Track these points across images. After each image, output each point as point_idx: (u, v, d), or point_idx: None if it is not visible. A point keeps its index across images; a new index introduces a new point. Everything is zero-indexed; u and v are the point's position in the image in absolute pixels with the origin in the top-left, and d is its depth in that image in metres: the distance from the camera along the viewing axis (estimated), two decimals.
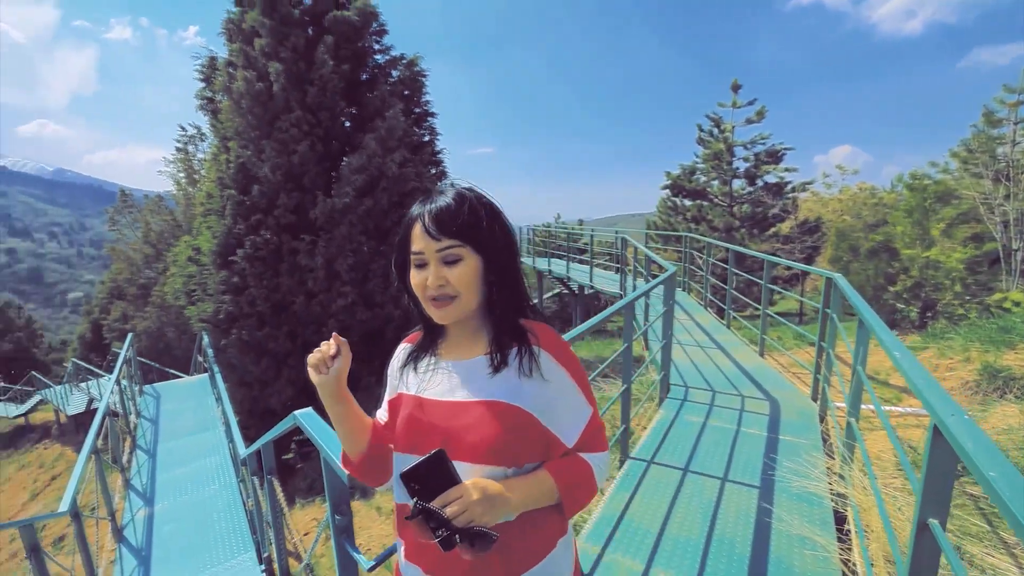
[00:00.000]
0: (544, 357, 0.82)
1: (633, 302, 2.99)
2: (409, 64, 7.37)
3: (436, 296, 0.79)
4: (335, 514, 1.34)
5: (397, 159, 6.40)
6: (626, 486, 2.74)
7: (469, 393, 0.82)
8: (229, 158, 6.46)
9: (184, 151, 15.34)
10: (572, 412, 0.85)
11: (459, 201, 0.79)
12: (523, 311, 0.86)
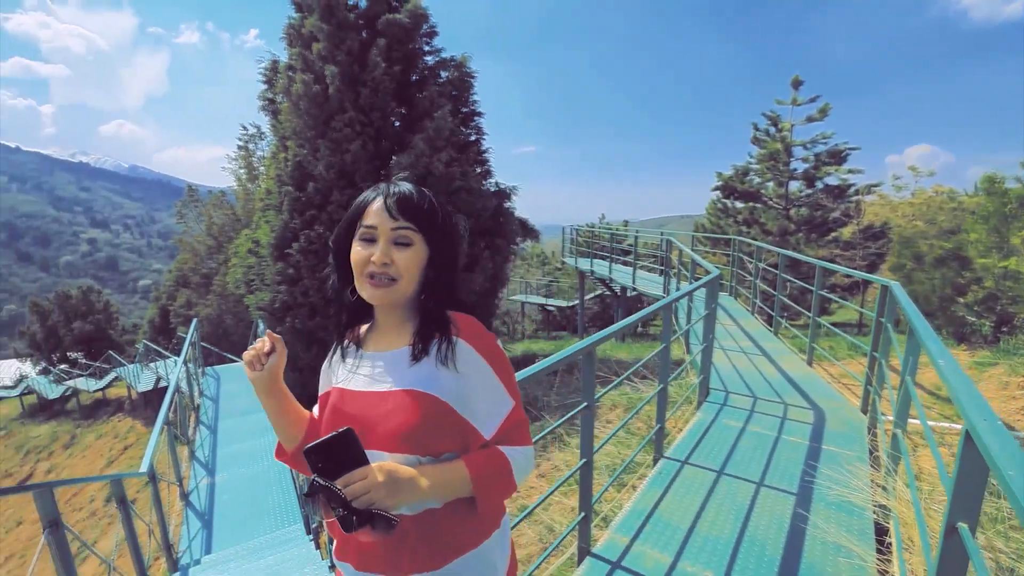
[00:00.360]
0: (463, 347, 0.82)
1: (672, 303, 3.05)
2: (458, 65, 7.66)
3: (376, 273, 0.80)
4: None
5: (444, 158, 6.68)
6: (658, 484, 2.81)
7: (389, 383, 0.83)
8: (287, 156, 6.96)
9: (245, 149, 16.49)
10: (490, 403, 0.84)
11: (421, 193, 0.83)
12: (452, 305, 0.87)
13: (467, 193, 7.08)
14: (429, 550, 0.80)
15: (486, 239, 7.77)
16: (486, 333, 0.87)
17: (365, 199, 0.85)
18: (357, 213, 0.84)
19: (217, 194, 18.11)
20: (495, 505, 0.85)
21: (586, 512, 2.28)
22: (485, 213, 7.52)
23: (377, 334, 0.90)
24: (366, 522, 0.66)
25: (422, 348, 0.82)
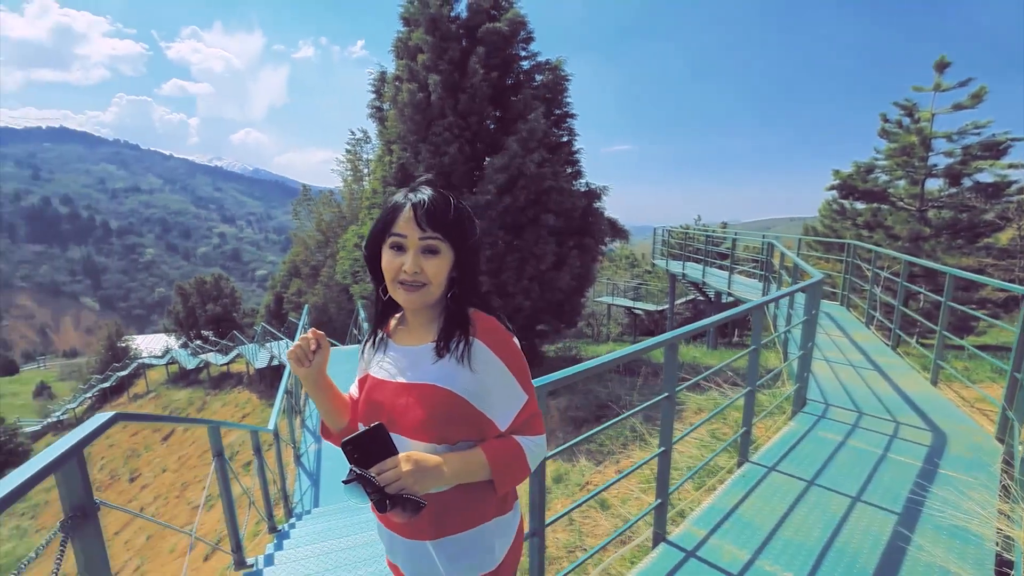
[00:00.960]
0: (479, 346, 0.91)
1: (763, 305, 3.05)
2: (552, 68, 7.96)
3: (408, 281, 0.89)
4: None
5: (536, 159, 7.02)
6: (741, 485, 2.84)
7: (413, 376, 0.93)
8: (392, 159, 7.75)
9: (352, 152, 18.30)
10: (506, 398, 0.93)
11: (446, 201, 0.89)
12: (474, 304, 0.95)
13: (557, 193, 7.35)
14: (435, 521, 0.92)
15: (575, 238, 7.97)
16: (503, 332, 0.94)
17: (395, 207, 0.90)
18: (388, 221, 0.91)
19: (326, 193, 20.27)
20: (510, 488, 0.94)
21: (662, 500, 2.42)
22: (574, 213, 7.72)
23: (405, 329, 1.01)
24: (397, 505, 0.77)
25: (444, 346, 0.92)
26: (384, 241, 0.91)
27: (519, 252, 7.34)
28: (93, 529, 1.36)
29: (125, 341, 29.68)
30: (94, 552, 1.36)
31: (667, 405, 2.37)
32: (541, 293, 7.53)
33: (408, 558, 0.97)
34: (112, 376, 24.71)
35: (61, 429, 24.24)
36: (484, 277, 6.95)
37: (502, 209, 7.07)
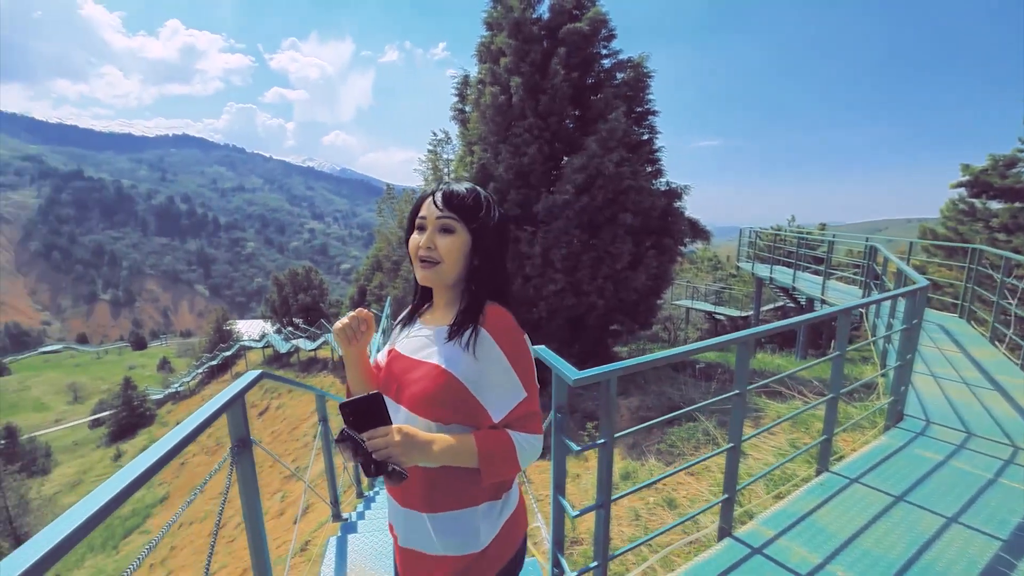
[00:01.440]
0: (484, 336, 0.96)
1: (849, 311, 2.98)
2: (635, 66, 7.96)
3: (423, 257, 0.98)
4: (556, 412, 2.07)
5: (615, 159, 7.10)
6: (817, 493, 2.81)
7: (425, 355, 1.01)
8: (473, 160, 8.19)
9: (434, 153, 19.28)
10: (503, 391, 0.97)
11: (469, 189, 0.99)
12: (499, 295, 1.02)
13: (636, 192, 7.36)
14: (425, 495, 1.00)
15: (652, 238, 7.93)
16: (512, 327, 0.99)
17: (423, 196, 1.03)
18: (416, 207, 1.03)
19: (408, 192, 21.51)
20: (496, 479, 0.97)
21: (730, 495, 2.50)
22: (653, 212, 7.69)
23: (431, 310, 1.11)
24: (381, 471, 0.82)
25: (455, 331, 0.99)
26: (412, 227, 1.03)
27: (595, 251, 7.46)
28: (249, 456, 1.78)
29: (229, 325, 33.52)
30: (249, 473, 1.79)
31: (738, 402, 2.44)
32: (615, 292, 7.59)
33: (402, 524, 1.05)
34: (218, 356, 28.10)
35: (178, 399, 27.98)
36: (559, 275, 7.18)
37: (579, 208, 7.24)
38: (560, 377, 2.01)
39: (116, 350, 54.25)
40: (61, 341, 76.65)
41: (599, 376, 1.91)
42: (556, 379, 2.06)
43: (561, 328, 7.67)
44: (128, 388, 26.80)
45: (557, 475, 2.11)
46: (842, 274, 10.11)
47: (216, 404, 1.58)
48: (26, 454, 25.11)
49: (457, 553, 1.00)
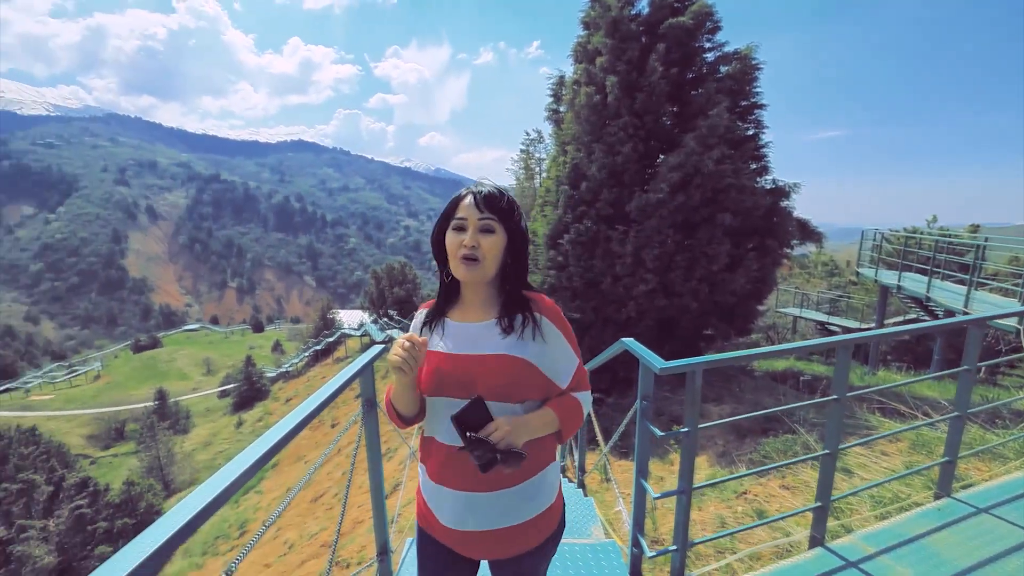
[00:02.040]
0: (544, 321, 1.13)
1: (983, 321, 2.76)
2: (741, 58, 7.61)
3: (467, 256, 1.08)
4: (642, 399, 2.21)
5: (715, 156, 6.90)
6: (933, 517, 2.64)
7: (486, 348, 1.11)
8: (566, 160, 8.38)
9: (526, 152, 19.76)
10: (564, 362, 1.15)
11: (500, 191, 1.11)
12: (526, 286, 1.17)
13: (736, 191, 7.08)
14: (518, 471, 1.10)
15: (754, 239, 7.56)
16: (557, 308, 1.18)
17: (458, 197, 1.12)
18: (451, 208, 1.12)
19: None
20: (571, 435, 1.16)
21: (823, 503, 2.45)
22: (756, 212, 7.33)
23: (463, 309, 1.20)
24: (506, 460, 0.92)
25: (509, 323, 1.12)
26: (448, 226, 1.12)
27: (690, 251, 7.30)
28: (375, 416, 2.16)
29: (332, 314, 36.90)
30: (374, 430, 2.16)
31: (835, 408, 2.40)
32: (711, 295, 7.36)
33: (466, 510, 1.14)
34: (322, 341, 31.13)
35: (288, 378, 31.43)
36: (650, 275, 7.15)
37: (674, 208, 7.13)
38: (646, 367, 2.16)
39: (240, 331, 62.11)
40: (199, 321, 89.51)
41: (685, 367, 2.03)
42: (643, 368, 2.20)
43: (650, 329, 7.60)
44: (249, 365, 30.68)
45: (640, 460, 2.26)
46: (1000, 285, 8.83)
47: (351, 371, 1.95)
48: (172, 415, 29.75)
49: (541, 510, 1.17)
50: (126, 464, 24.34)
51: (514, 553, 1.18)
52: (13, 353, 50.44)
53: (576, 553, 2.66)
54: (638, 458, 2.27)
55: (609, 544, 2.72)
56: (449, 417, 1.03)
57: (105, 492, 16.71)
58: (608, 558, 2.61)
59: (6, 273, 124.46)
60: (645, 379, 2.21)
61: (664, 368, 2.08)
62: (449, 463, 1.13)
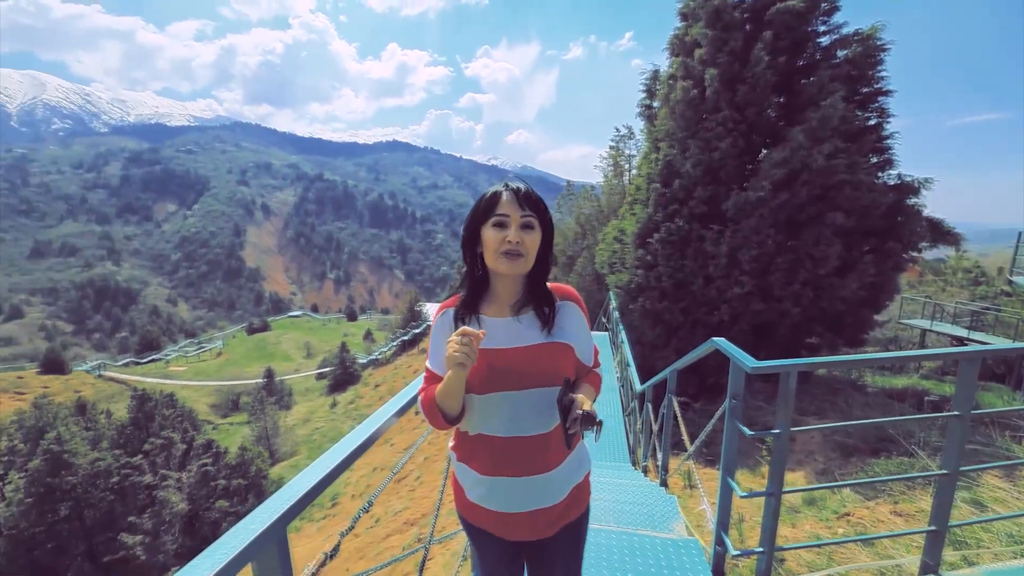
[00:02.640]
0: (573, 307, 1.26)
1: None
2: (863, 39, 6.95)
3: (510, 251, 1.14)
4: (732, 399, 2.22)
5: (825, 150, 6.38)
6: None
7: (531, 339, 1.20)
8: (658, 157, 8.21)
9: (616, 149, 19.47)
10: (588, 343, 1.29)
11: (533, 191, 1.19)
12: (547, 276, 1.26)
13: (851, 188, 6.50)
14: (547, 456, 1.22)
15: (872, 241, 6.89)
16: (577, 294, 1.30)
17: (495, 194, 1.18)
18: (490, 206, 1.18)
19: (587, 189, 22.14)
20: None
21: (939, 528, 2.30)
22: (875, 211, 6.68)
23: (496, 303, 1.26)
24: (599, 429, 1.05)
25: (550, 312, 1.22)
26: (485, 223, 1.18)
27: (793, 253, 6.82)
28: None
29: (419, 306, 38.89)
30: None
31: (956, 425, 2.24)
32: (816, 301, 6.82)
33: (523, 494, 1.23)
34: (409, 332, 32.98)
35: (377, 365, 33.70)
36: (746, 277, 6.84)
37: (776, 206, 6.70)
38: (737, 366, 2.17)
39: (335, 319, 67.54)
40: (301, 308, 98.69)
41: (778, 368, 2.02)
42: (733, 367, 2.21)
43: (744, 334, 7.22)
44: (344, 351, 33.37)
45: (728, 458, 2.27)
46: None
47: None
48: (277, 392, 33.20)
49: (584, 474, 1.32)
50: (240, 432, 27.58)
51: (573, 517, 1.31)
52: (157, 329, 59.01)
53: (657, 546, 2.72)
54: (725, 456, 2.29)
55: (692, 541, 2.75)
56: (509, 410, 1.18)
57: (224, 454, 19.16)
58: (690, 555, 2.64)
59: (154, 261, 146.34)
60: (735, 378, 2.23)
61: (755, 367, 2.09)
62: (504, 453, 1.21)
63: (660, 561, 2.61)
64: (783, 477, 2.12)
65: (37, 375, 33.59)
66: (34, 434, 18.20)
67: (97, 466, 16.07)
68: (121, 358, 46.06)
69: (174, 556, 16.02)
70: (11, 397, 28.77)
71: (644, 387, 4.93)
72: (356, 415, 24.52)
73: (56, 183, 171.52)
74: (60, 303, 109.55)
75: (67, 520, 15.35)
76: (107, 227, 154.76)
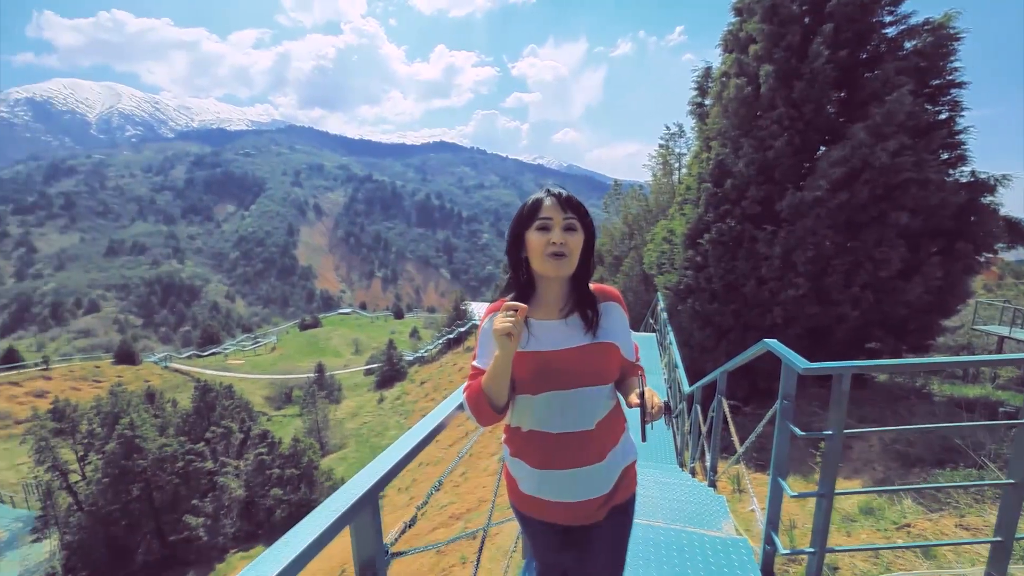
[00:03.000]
0: (615, 307, 1.33)
1: None
2: (935, 29, 6.59)
3: (555, 252, 1.20)
4: (784, 399, 2.27)
5: (890, 147, 6.12)
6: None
7: (580, 340, 1.26)
8: (709, 156, 8.10)
9: (665, 147, 19.17)
10: (629, 340, 1.35)
11: (574, 196, 1.25)
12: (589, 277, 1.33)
13: (918, 186, 6.19)
14: (597, 447, 1.30)
15: (940, 241, 6.54)
16: (618, 293, 1.36)
17: (537, 200, 1.25)
18: (533, 211, 1.24)
19: (635, 188, 21.90)
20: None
21: (1005, 539, 2.26)
22: (943, 210, 6.34)
23: (543, 306, 1.31)
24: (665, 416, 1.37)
25: (594, 314, 1.28)
26: (529, 227, 1.24)
27: (852, 255, 6.57)
28: None
29: (464, 305, 39.55)
30: None
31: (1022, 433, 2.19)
32: (877, 305, 6.54)
33: (574, 485, 1.31)
34: (455, 331, 33.61)
35: (423, 363, 34.55)
36: (801, 279, 6.68)
37: (835, 207, 6.47)
38: (788, 367, 2.22)
39: (383, 317, 69.65)
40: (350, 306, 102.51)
41: (832, 369, 2.06)
42: (785, 368, 2.26)
43: (799, 337, 7.02)
44: (391, 348, 34.44)
45: (778, 457, 2.33)
46: None
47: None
48: (328, 386, 34.67)
49: (630, 461, 1.41)
50: (292, 424, 28.99)
51: (620, 501, 1.39)
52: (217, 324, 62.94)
53: (706, 544, 2.79)
54: (776, 455, 2.34)
55: (741, 541, 2.80)
56: (560, 408, 1.26)
57: (278, 444, 20.22)
58: (739, 553, 2.70)
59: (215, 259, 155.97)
60: (787, 379, 2.28)
61: (807, 368, 2.14)
62: (556, 448, 1.29)
63: (708, 558, 2.68)
64: (835, 478, 2.16)
65: (112, 365, 36.60)
66: (110, 419, 19.70)
67: (164, 451, 17.27)
68: (184, 351, 49.51)
69: (232, 539, 17.01)
70: (90, 385, 31.57)
71: (693, 388, 4.93)
72: (403, 411, 25.28)
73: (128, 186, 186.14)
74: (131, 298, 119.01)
75: (138, 500, 16.58)
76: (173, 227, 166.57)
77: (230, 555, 16.58)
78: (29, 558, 16.61)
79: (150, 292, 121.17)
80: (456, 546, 6.15)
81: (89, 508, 16.49)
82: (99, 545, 16.12)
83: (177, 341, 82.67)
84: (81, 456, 20.32)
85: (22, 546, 17.50)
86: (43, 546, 17.32)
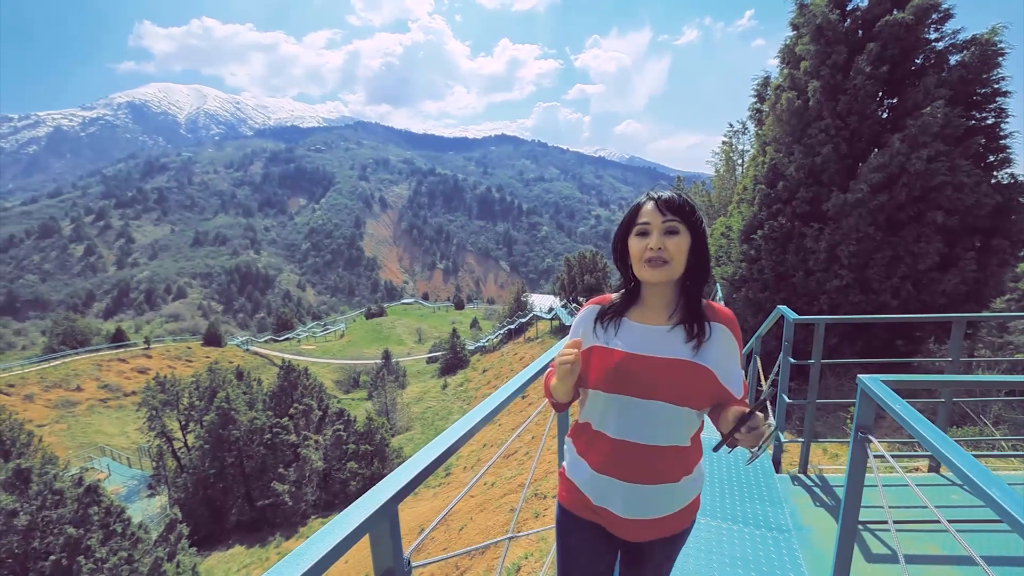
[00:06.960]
0: (724, 331, 1.24)
1: None
2: (982, 44, 7.26)
3: (653, 258, 1.18)
4: (785, 340, 3.60)
5: (924, 155, 7.01)
6: None
7: (669, 352, 1.22)
8: (764, 159, 9.13)
9: (728, 144, 19.78)
10: (736, 371, 1.25)
11: (680, 196, 1.22)
12: (702, 288, 1.28)
13: (953, 189, 7.03)
14: (671, 468, 1.27)
15: (977, 237, 7.35)
16: (734, 318, 1.28)
17: (638, 204, 1.25)
18: (632, 216, 1.25)
19: (697, 183, 22.57)
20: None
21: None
22: (978, 210, 7.13)
23: (643, 310, 1.30)
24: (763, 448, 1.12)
25: (698, 329, 1.22)
26: (630, 233, 1.25)
27: (891, 249, 7.51)
28: None
29: (524, 297, 41.16)
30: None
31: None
32: (916, 294, 7.43)
33: (628, 498, 1.28)
34: (515, 322, 35.36)
35: (484, 352, 36.54)
36: (844, 271, 7.70)
37: (875, 207, 7.45)
38: (787, 318, 3.46)
39: (444, 308, 72.84)
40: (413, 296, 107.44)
41: (812, 319, 3.34)
42: (785, 322, 3.48)
43: (845, 327, 8.02)
44: (454, 337, 36.70)
45: (783, 379, 3.47)
46: None
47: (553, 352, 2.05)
48: (394, 372, 37.48)
49: (694, 495, 1.35)
50: (361, 407, 31.73)
51: (671, 532, 1.34)
52: (290, 311, 68.58)
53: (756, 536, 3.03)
54: (781, 379, 3.60)
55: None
56: (626, 413, 1.25)
57: (353, 422, 22.43)
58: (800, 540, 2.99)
59: (288, 250, 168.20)
60: (788, 328, 3.51)
61: (795, 319, 3.42)
62: (613, 454, 1.28)
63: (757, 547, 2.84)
64: (817, 391, 3.10)
65: (200, 347, 41.51)
66: (208, 393, 22.54)
67: (254, 424, 19.04)
68: (261, 335, 54.71)
69: (312, 506, 19.25)
70: (183, 364, 36.33)
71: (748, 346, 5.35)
72: (465, 396, 27.23)
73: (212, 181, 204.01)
74: (213, 286, 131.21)
75: (232, 466, 18.61)
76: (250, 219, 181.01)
77: (311, 520, 18.80)
78: (147, 510, 19.74)
79: (230, 280, 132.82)
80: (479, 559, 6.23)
81: (192, 471, 18.82)
82: (200, 505, 18.24)
83: (253, 327, 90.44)
84: (183, 425, 23.66)
85: (139, 500, 20.94)
86: (155, 501, 20.64)
